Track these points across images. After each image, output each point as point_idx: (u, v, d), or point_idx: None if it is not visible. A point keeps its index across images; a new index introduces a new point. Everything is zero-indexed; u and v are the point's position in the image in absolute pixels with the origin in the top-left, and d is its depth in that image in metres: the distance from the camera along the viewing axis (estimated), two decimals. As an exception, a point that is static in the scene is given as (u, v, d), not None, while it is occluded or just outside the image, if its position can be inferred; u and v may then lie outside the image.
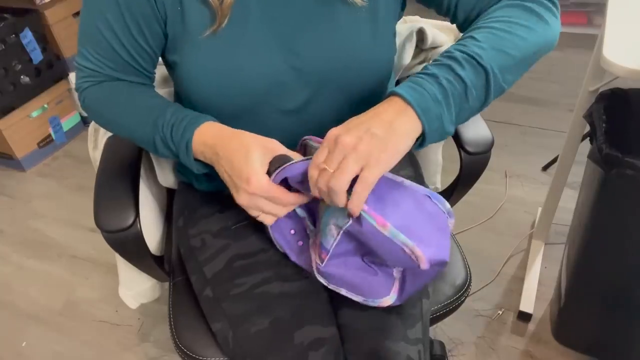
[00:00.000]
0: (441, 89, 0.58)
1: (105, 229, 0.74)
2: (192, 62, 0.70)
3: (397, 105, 0.58)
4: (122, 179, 0.79)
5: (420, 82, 0.59)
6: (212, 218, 0.84)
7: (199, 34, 0.68)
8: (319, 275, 0.69)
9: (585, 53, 2.27)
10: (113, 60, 0.72)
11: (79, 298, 1.55)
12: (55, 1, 2.00)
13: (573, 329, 1.23)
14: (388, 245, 0.60)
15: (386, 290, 0.69)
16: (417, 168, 0.95)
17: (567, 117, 1.28)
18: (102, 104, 0.75)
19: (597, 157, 0.91)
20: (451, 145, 0.88)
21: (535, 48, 0.64)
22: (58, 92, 2.11)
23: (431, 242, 0.61)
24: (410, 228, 0.60)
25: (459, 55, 0.59)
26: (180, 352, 0.80)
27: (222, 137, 0.66)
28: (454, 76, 0.58)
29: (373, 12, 0.71)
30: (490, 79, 0.59)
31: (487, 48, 0.60)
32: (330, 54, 0.70)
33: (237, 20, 0.68)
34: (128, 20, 0.68)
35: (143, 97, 0.74)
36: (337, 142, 0.57)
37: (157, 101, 0.73)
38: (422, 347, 0.73)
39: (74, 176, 2.03)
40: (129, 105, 0.73)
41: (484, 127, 0.85)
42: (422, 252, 0.59)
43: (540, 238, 1.50)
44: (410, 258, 0.60)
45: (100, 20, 0.69)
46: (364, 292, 0.69)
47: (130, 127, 0.73)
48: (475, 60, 0.59)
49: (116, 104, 0.74)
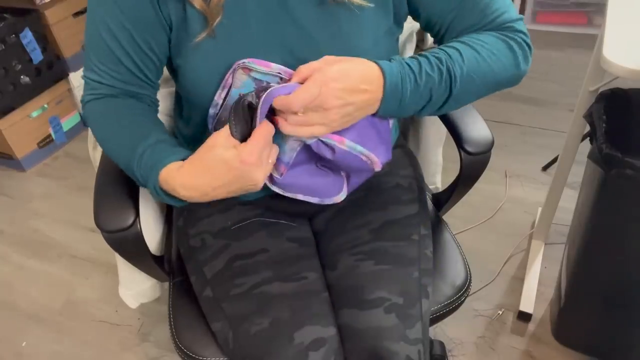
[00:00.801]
0: (413, 95, 0.67)
1: (105, 229, 0.74)
2: (193, 65, 0.70)
3: (380, 92, 0.65)
4: (122, 178, 0.79)
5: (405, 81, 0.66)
6: (212, 218, 0.84)
7: (198, 37, 0.68)
8: (274, 187, 0.73)
9: (585, 53, 2.27)
10: (117, 70, 0.72)
11: (78, 298, 1.55)
12: (55, 1, 2.00)
13: (573, 329, 1.23)
14: (349, 157, 0.69)
15: (338, 188, 0.78)
16: (417, 168, 0.95)
17: (567, 117, 1.28)
18: (97, 120, 0.75)
19: (597, 157, 0.91)
20: (451, 145, 0.88)
21: (498, 86, 0.72)
22: (58, 92, 2.11)
23: (379, 146, 0.72)
24: (363, 138, 0.69)
25: (444, 69, 0.66)
26: (180, 352, 0.80)
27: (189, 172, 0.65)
28: (429, 88, 0.67)
29: (375, 19, 0.71)
30: (449, 100, 0.69)
31: (464, 73, 0.67)
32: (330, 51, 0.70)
33: (237, 23, 0.68)
34: (132, 30, 0.69)
35: (132, 120, 0.73)
36: (322, 103, 0.61)
37: (140, 130, 0.72)
38: (422, 347, 0.73)
39: (74, 176, 2.03)
40: (116, 129, 0.73)
41: (484, 127, 0.85)
42: (376, 157, 0.71)
43: (540, 238, 1.50)
44: (366, 164, 0.71)
45: (105, 30, 0.69)
46: (319, 193, 0.77)
47: (113, 149, 0.74)
48: (451, 81, 0.67)
49: (108, 124, 0.74)
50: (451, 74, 0.66)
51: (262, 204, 0.85)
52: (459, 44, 0.69)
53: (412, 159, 0.96)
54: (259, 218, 0.83)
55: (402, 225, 0.82)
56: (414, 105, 0.68)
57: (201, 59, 0.69)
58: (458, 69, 0.67)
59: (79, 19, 2.06)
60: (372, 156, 0.71)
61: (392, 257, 0.78)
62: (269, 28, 0.69)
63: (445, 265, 0.88)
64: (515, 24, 0.71)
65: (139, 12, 0.68)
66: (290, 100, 0.61)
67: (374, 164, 0.72)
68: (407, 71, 0.66)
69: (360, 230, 0.82)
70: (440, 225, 0.95)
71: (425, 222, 0.85)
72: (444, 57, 0.67)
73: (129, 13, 0.68)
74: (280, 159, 0.70)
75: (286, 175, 0.72)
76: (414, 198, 0.87)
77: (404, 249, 0.79)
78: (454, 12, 0.71)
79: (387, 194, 0.87)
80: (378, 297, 0.73)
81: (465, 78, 0.67)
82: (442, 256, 0.89)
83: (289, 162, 0.70)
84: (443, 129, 0.99)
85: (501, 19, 0.71)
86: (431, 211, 0.97)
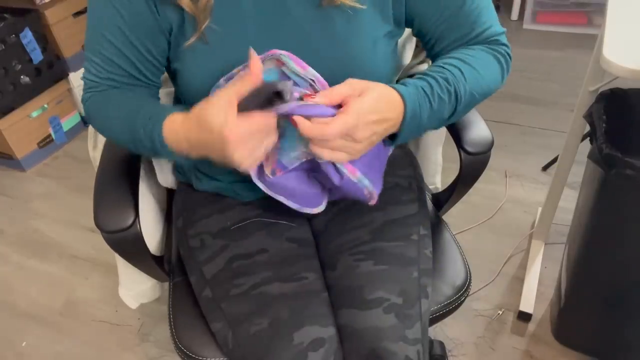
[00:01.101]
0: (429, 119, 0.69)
1: (105, 229, 0.74)
2: (189, 68, 0.71)
3: (399, 119, 0.67)
4: (122, 179, 0.79)
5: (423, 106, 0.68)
6: (212, 218, 0.84)
7: (189, 40, 0.69)
8: (260, 183, 0.72)
9: (585, 53, 2.27)
10: (117, 72, 0.72)
11: (78, 298, 1.55)
12: (55, 1, 1.99)
13: (573, 329, 1.23)
14: (352, 187, 0.71)
15: (320, 200, 0.78)
16: (417, 168, 0.95)
17: (567, 117, 1.28)
18: (98, 108, 0.75)
19: (597, 157, 0.91)
20: (451, 145, 0.88)
21: (487, 96, 0.75)
22: (58, 92, 2.11)
23: (378, 180, 0.74)
24: (369, 169, 0.71)
25: (452, 90, 0.69)
26: (180, 352, 0.80)
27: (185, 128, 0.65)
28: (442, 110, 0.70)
29: (373, 21, 0.71)
30: (450, 118, 0.72)
31: (467, 92, 0.70)
32: (326, 62, 0.70)
33: (232, 27, 0.69)
34: (131, 35, 0.69)
35: (132, 100, 0.73)
36: (354, 134, 0.62)
37: (139, 103, 0.72)
38: (421, 347, 0.72)
39: (74, 176, 2.03)
40: (118, 107, 0.73)
41: (484, 127, 0.85)
42: (376, 192, 0.74)
43: (540, 238, 1.50)
44: (365, 197, 0.74)
45: (105, 34, 0.69)
46: (301, 201, 0.76)
47: (115, 129, 0.73)
48: (456, 101, 0.70)
49: (109, 107, 0.74)
50: (457, 94, 0.69)
51: (262, 204, 0.85)
52: (459, 62, 0.71)
53: (411, 159, 0.96)
54: (259, 218, 0.83)
55: (402, 225, 0.82)
56: (429, 127, 0.72)
57: (196, 63, 0.70)
58: (462, 88, 0.70)
59: (79, 19, 2.06)
60: (374, 193, 0.74)
61: (391, 257, 0.78)
62: (266, 31, 0.69)
63: (445, 265, 0.88)
64: (500, 37, 0.75)
65: (138, 17, 0.68)
66: (327, 131, 0.60)
67: (372, 199, 0.74)
68: (422, 95, 0.68)
69: (359, 230, 0.82)
70: (440, 225, 0.95)
71: (424, 222, 0.85)
72: (450, 77, 0.69)
73: (129, 19, 0.68)
74: (280, 161, 0.70)
75: (278, 177, 0.71)
76: (414, 198, 0.87)
77: (404, 249, 0.79)
78: (446, 24, 0.73)
79: (387, 194, 0.87)
80: (377, 297, 0.73)
81: (468, 97, 0.71)
82: (442, 256, 0.89)
83: (287, 168, 0.70)
84: (443, 129, 0.99)
85: (489, 32, 0.74)
86: (431, 211, 0.96)
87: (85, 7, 0.72)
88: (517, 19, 2.67)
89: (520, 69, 2.25)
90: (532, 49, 2.42)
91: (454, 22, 0.73)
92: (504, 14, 2.74)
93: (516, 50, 2.89)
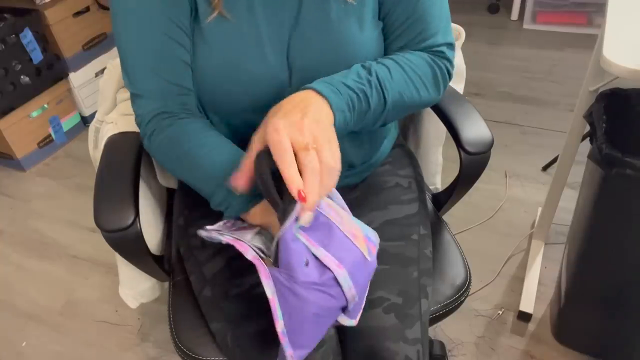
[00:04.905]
0: (353, 102, 0.67)
1: (105, 229, 0.74)
2: (198, 58, 0.71)
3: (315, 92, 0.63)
4: (122, 178, 0.79)
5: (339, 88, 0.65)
6: (212, 218, 0.84)
7: (205, 26, 0.70)
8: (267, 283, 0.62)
9: (585, 53, 2.28)
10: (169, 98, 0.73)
11: (79, 298, 1.55)
12: (55, 1, 2.00)
13: (573, 329, 1.23)
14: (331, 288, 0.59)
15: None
16: (417, 168, 0.95)
17: (567, 117, 1.28)
18: (163, 156, 0.75)
19: (597, 157, 0.91)
20: (451, 145, 0.88)
21: (417, 107, 0.76)
22: (58, 92, 2.11)
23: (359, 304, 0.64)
24: (354, 276, 0.61)
25: (376, 85, 0.69)
26: (180, 352, 0.80)
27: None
28: (364, 97, 0.68)
29: (359, 6, 0.72)
30: (385, 111, 0.71)
31: (394, 90, 0.70)
32: (321, 45, 0.71)
33: (244, 15, 0.70)
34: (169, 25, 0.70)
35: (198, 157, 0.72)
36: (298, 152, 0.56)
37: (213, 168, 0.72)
38: (421, 347, 0.72)
39: (74, 176, 2.03)
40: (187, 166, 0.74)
41: (483, 127, 0.85)
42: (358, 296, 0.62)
43: (540, 238, 1.50)
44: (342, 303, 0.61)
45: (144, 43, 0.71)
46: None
47: (191, 182, 0.75)
48: (384, 99, 0.69)
49: (175, 160, 0.74)
50: (380, 81, 0.69)
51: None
52: (389, 60, 0.72)
53: (411, 158, 0.96)
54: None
55: (402, 225, 0.82)
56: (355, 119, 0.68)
57: (205, 51, 0.71)
58: (384, 75, 0.69)
59: (79, 19, 2.06)
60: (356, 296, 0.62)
61: (391, 257, 0.78)
62: (268, 22, 0.70)
63: (445, 265, 0.88)
64: (443, 49, 0.75)
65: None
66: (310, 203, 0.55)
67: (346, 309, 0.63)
68: (331, 78, 0.67)
69: (359, 230, 0.82)
70: (440, 225, 0.95)
71: (424, 222, 0.85)
72: (369, 65, 0.70)
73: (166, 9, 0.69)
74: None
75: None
76: (414, 198, 0.87)
77: (404, 249, 0.79)
78: (406, 24, 0.74)
79: (387, 193, 0.87)
80: (377, 296, 0.73)
81: (396, 95, 0.71)
82: (441, 256, 0.89)
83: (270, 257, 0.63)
84: (443, 129, 0.99)
85: (431, 41, 0.74)
86: (431, 211, 0.97)
87: (86, 7, 0.72)
88: (517, 19, 2.67)
89: (520, 69, 2.26)
90: (532, 49, 2.42)
91: (409, 26, 0.74)
92: (504, 14, 2.74)
93: (516, 50, 2.89)
